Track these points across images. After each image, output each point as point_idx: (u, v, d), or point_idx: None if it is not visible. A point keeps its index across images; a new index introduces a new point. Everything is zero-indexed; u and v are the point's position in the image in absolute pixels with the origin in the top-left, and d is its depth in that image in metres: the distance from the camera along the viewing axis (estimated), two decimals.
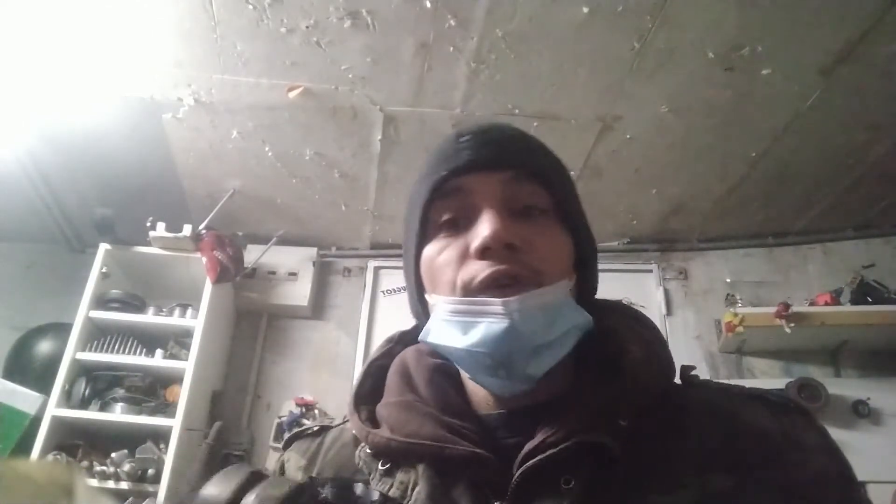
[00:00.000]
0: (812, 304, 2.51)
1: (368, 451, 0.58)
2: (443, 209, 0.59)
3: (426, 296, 0.61)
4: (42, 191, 2.57)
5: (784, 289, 2.70)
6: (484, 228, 0.54)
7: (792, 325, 2.36)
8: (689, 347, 2.65)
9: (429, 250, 0.59)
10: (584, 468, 0.50)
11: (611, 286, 0.64)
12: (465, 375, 0.61)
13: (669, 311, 2.75)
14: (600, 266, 0.65)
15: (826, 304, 2.47)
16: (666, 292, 2.79)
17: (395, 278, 2.89)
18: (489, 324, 0.52)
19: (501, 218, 0.54)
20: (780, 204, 2.63)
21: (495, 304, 0.52)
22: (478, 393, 0.60)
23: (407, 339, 0.69)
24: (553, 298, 0.54)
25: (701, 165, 2.39)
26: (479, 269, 0.54)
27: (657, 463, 0.50)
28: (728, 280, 2.78)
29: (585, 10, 1.73)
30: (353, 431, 0.61)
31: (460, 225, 0.58)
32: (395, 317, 2.74)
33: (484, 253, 0.54)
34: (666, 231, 2.83)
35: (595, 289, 0.64)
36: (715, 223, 2.77)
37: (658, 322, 2.67)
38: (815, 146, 2.26)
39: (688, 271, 2.85)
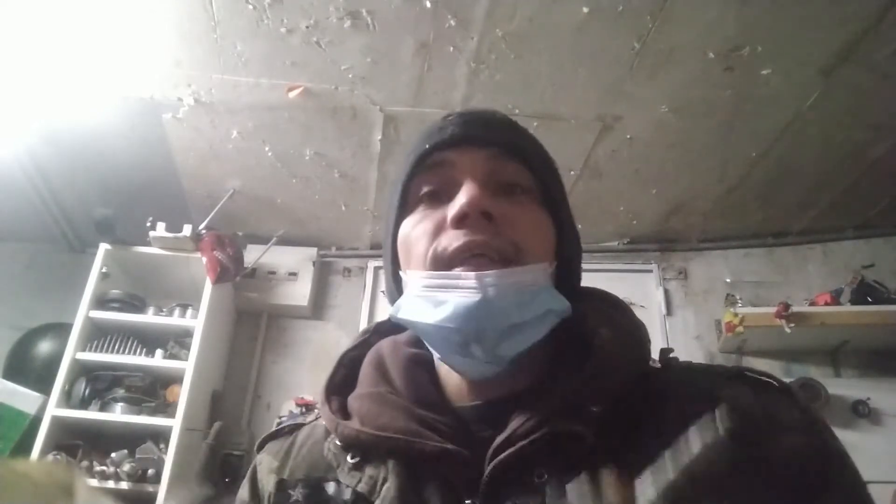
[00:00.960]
0: (812, 304, 2.51)
1: (338, 442, 0.56)
2: (423, 182, 0.58)
3: (400, 272, 0.59)
4: (42, 191, 2.57)
5: (784, 289, 2.70)
6: (461, 196, 0.53)
7: (792, 325, 2.36)
8: (689, 347, 2.65)
9: (405, 224, 0.58)
10: (557, 459, 0.48)
11: (611, 286, 0.63)
12: (440, 365, 0.59)
13: (669, 311, 2.75)
14: (600, 266, 0.64)
15: (826, 304, 2.47)
16: (666, 292, 2.79)
17: None
18: (461, 298, 0.50)
19: (481, 189, 0.53)
20: (780, 204, 2.63)
21: (468, 277, 0.50)
22: (452, 383, 0.58)
23: (383, 329, 0.67)
24: (531, 278, 0.52)
25: (701, 165, 2.39)
26: (453, 239, 0.52)
27: (634, 450, 0.48)
28: (728, 280, 2.78)
29: (585, 10, 1.73)
30: (324, 422, 0.59)
31: (440, 198, 0.56)
32: None
33: (460, 222, 0.52)
34: (666, 231, 2.83)
35: (578, 281, 0.62)
36: (715, 223, 2.77)
37: (658, 322, 2.68)
38: (815, 146, 2.26)
39: (688, 271, 2.85)
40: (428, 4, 1.73)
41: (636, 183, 2.50)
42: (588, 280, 0.64)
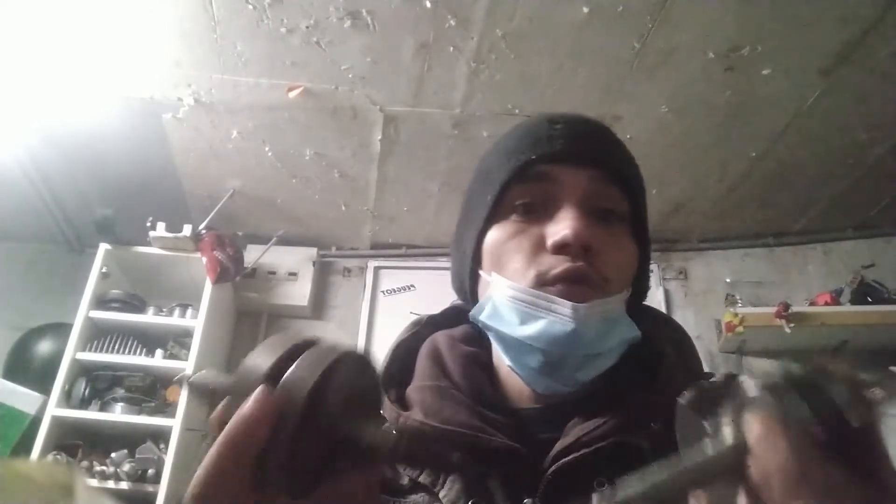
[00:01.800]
0: (812, 304, 2.51)
1: (395, 432, 0.56)
2: (522, 192, 0.57)
3: (482, 272, 0.58)
4: (42, 191, 2.57)
5: (784, 289, 2.69)
6: (566, 225, 0.53)
7: (792, 325, 2.36)
8: None
9: (498, 231, 0.57)
10: (615, 469, 0.48)
11: None
12: (500, 367, 0.60)
13: (669, 311, 2.74)
14: None
15: (826, 304, 2.47)
16: (666, 292, 2.79)
17: (395, 278, 2.89)
18: (552, 322, 0.51)
19: (583, 217, 0.53)
20: (780, 204, 2.63)
21: (565, 305, 0.51)
22: (512, 385, 0.59)
23: (434, 323, 0.67)
24: (614, 309, 0.54)
25: (701, 165, 2.39)
26: (556, 264, 0.53)
27: None
28: (728, 280, 2.78)
29: (585, 10, 1.73)
30: (381, 412, 0.59)
31: (537, 212, 0.56)
32: (395, 317, 2.73)
33: (561, 249, 0.53)
34: (666, 231, 2.83)
35: (643, 299, 0.63)
36: (715, 223, 2.77)
37: None
38: (815, 146, 2.26)
39: (688, 271, 2.85)
40: (428, 4, 1.73)
41: None
42: None
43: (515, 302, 0.54)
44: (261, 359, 0.36)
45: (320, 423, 0.33)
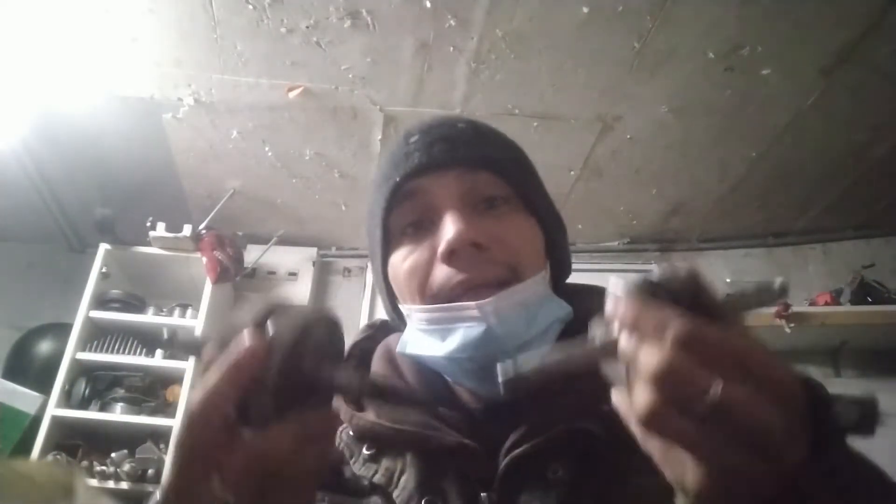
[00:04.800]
0: (812, 304, 2.51)
1: (351, 433, 0.57)
2: (402, 215, 0.58)
3: (400, 306, 0.60)
4: (42, 191, 2.57)
5: None
6: (448, 231, 0.53)
7: (792, 325, 2.35)
8: None
9: (394, 259, 0.58)
10: (569, 455, 0.49)
11: None
12: None
13: None
14: (600, 266, 0.65)
15: (826, 304, 2.47)
16: None
17: None
18: (466, 329, 0.52)
19: (464, 217, 0.53)
20: (780, 204, 2.63)
21: (470, 308, 0.51)
22: (461, 387, 0.59)
23: (388, 327, 0.68)
24: (531, 294, 0.53)
25: (701, 165, 2.39)
26: (448, 277, 0.53)
27: (638, 445, 0.50)
28: (728, 280, 2.78)
29: (585, 10, 1.73)
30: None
31: (423, 227, 0.56)
32: None
33: (451, 257, 0.53)
34: (666, 231, 2.83)
35: (568, 271, 0.63)
36: (715, 223, 2.77)
37: None
38: (815, 146, 2.26)
39: None
40: (428, 4, 1.73)
41: (636, 183, 2.49)
42: (588, 280, 0.64)
43: (430, 324, 0.54)
44: (243, 315, 0.41)
45: (299, 365, 0.39)
